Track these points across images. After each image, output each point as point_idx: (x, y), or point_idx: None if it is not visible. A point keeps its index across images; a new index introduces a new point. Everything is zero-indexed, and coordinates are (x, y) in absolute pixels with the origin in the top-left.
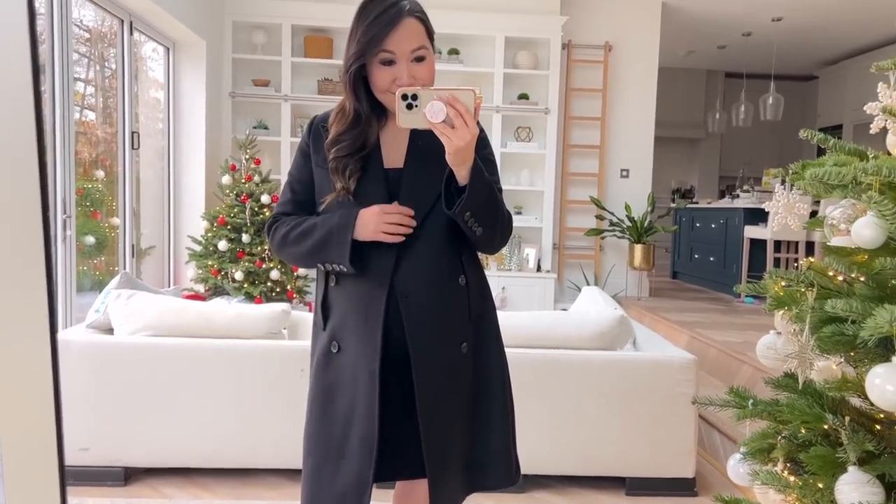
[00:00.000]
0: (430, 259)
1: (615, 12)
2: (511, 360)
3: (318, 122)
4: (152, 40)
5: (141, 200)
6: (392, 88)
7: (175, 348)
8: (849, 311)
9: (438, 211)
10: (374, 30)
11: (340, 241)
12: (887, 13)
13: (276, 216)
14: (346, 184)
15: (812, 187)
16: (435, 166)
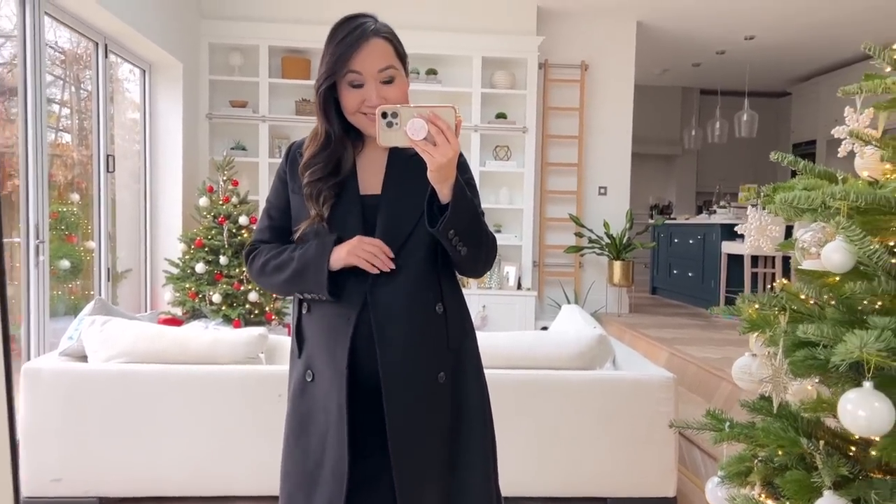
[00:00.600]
0: (406, 286)
1: (591, 32)
2: (491, 382)
3: (295, 148)
4: (128, 62)
5: (117, 223)
6: (362, 109)
7: (150, 375)
8: (820, 336)
9: (416, 237)
10: (341, 50)
11: (317, 271)
12: (856, 32)
13: (253, 244)
14: (320, 210)
15: (782, 211)
16: (413, 192)
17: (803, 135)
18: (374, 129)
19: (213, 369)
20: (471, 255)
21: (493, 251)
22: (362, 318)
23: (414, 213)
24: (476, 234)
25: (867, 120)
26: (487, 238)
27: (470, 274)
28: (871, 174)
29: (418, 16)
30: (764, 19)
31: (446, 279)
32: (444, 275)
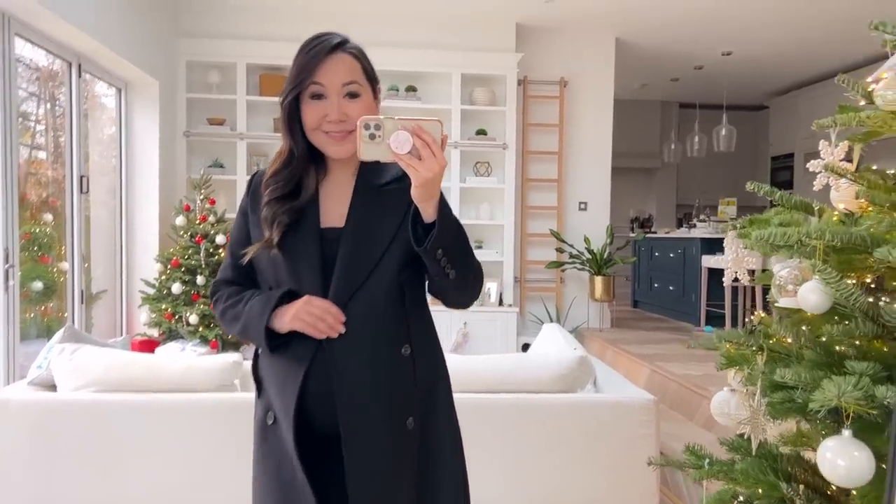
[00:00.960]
0: (369, 327)
1: (570, 48)
2: (471, 407)
3: (258, 177)
4: (103, 82)
5: (94, 241)
6: (323, 126)
7: (122, 404)
8: (797, 380)
9: (379, 275)
10: (305, 60)
11: (258, 331)
12: (831, 47)
13: (217, 284)
14: (272, 234)
15: (759, 248)
16: (379, 227)
17: (782, 148)
18: (333, 148)
19: (187, 397)
20: (460, 278)
21: (480, 277)
22: (317, 362)
23: (377, 249)
24: (464, 254)
25: (842, 152)
26: (475, 262)
27: (458, 302)
28: (846, 206)
29: (398, 33)
30: (740, 35)
31: (415, 316)
32: (413, 312)
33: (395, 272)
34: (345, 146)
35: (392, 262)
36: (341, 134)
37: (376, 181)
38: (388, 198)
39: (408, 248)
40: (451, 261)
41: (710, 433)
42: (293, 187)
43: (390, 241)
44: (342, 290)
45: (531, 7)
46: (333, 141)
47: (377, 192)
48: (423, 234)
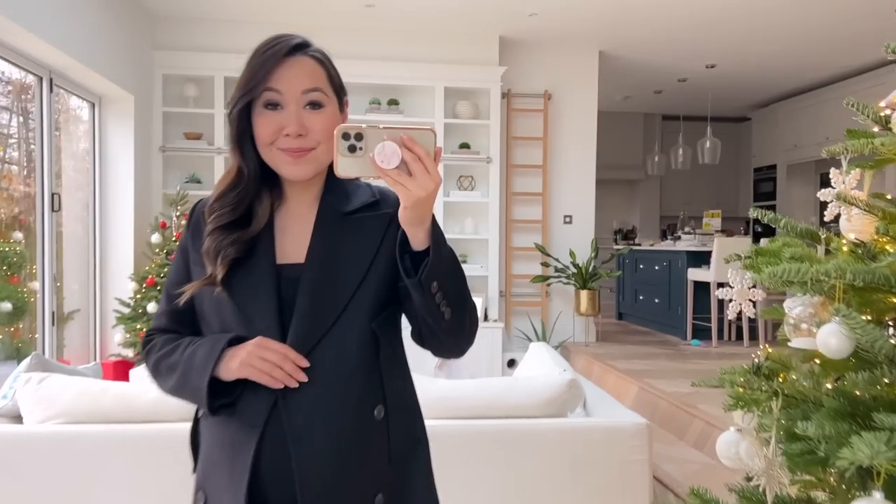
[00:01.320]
0: (334, 384)
1: (553, 62)
2: (457, 433)
3: (200, 207)
4: (76, 96)
5: (67, 259)
6: (279, 143)
7: (92, 436)
8: (821, 435)
9: (347, 321)
10: (259, 63)
11: (199, 378)
12: (812, 61)
13: (149, 334)
14: (215, 269)
15: (771, 284)
16: (346, 264)
17: (764, 159)
18: (287, 168)
19: (161, 428)
20: (456, 319)
21: (476, 317)
22: (272, 426)
23: (345, 290)
24: (461, 289)
25: (854, 181)
26: (471, 299)
27: (451, 349)
28: (858, 237)
29: (380, 46)
30: (725, 48)
31: (390, 371)
32: (388, 365)
33: (366, 317)
34: (304, 166)
35: (363, 305)
36: (300, 151)
37: (343, 208)
38: (358, 228)
39: (382, 289)
40: (448, 297)
41: (701, 453)
42: (242, 213)
43: (360, 281)
44: (303, 338)
45: (515, 20)
46: (291, 159)
47: (344, 221)
48: (413, 265)
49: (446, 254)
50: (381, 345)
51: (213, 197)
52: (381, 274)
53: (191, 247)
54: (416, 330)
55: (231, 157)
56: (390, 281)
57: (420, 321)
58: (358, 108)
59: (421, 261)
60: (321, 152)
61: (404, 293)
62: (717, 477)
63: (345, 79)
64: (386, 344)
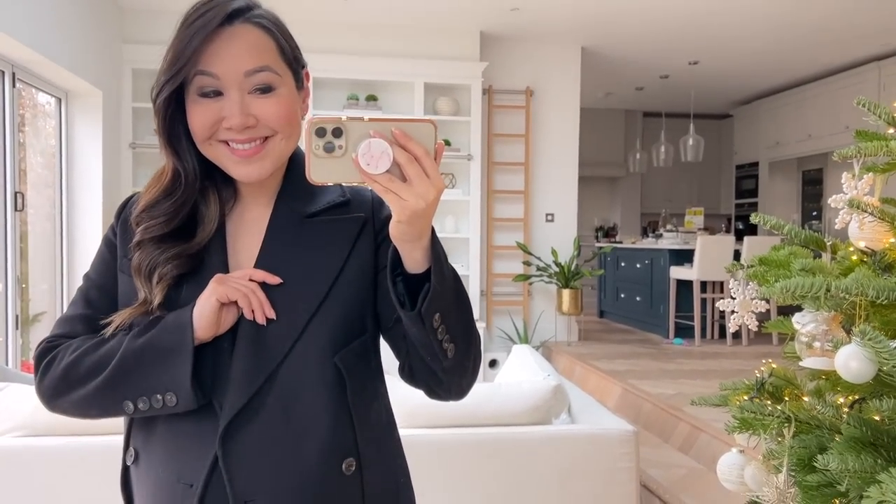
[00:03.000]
0: (287, 436)
1: (535, 58)
2: (439, 442)
3: (133, 204)
4: (42, 92)
5: (35, 260)
6: (219, 134)
7: (53, 450)
8: (844, 469)
9: (305, 349)
10: (185, 39)
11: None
12: (792, 59)
13: (51, 340)
14: (150, 293)
15: (781, 298)
16: (306, 277)
17: (746, 156)
18: (235, 168)
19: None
20: (460, 356)
21: (479, 356)
22: (211, 492)
23: (299, 314)
24: (467, 320)
25: (866, 186)
26: (476, 331)
27: (451, 390)
28: (868, 245)
29: (359, 41)
30: (707, 44)
31: (363, 413)
32: (360, 406)
33: (327, 350)
34: (257, 164)
35: (323, 334)
36: (250, 147)
37: (304, 209)
38: (321, 235)
39: (349, 314)
40: (452, 330)
41: (687, 456)
42: (180, 223)
43: (320, 303)
44: (245, 378)
45: (496, 16)
46: (237, 158)
47: (303, 225)
48: (408, 291)
49: (449, 277)
50: (350, 383)
51: (142, 204)
52: (349, 294)
53: (119, 249)
54: (407, 367)
55: (163, 156)
56: (361, 303)
57: (413, 359)
58: (335, 103)
59: (417, 286)
60: (277, 143)
61: (390, 324)
62: (704, 482)
63: (322, 74)
64: (356, 382)
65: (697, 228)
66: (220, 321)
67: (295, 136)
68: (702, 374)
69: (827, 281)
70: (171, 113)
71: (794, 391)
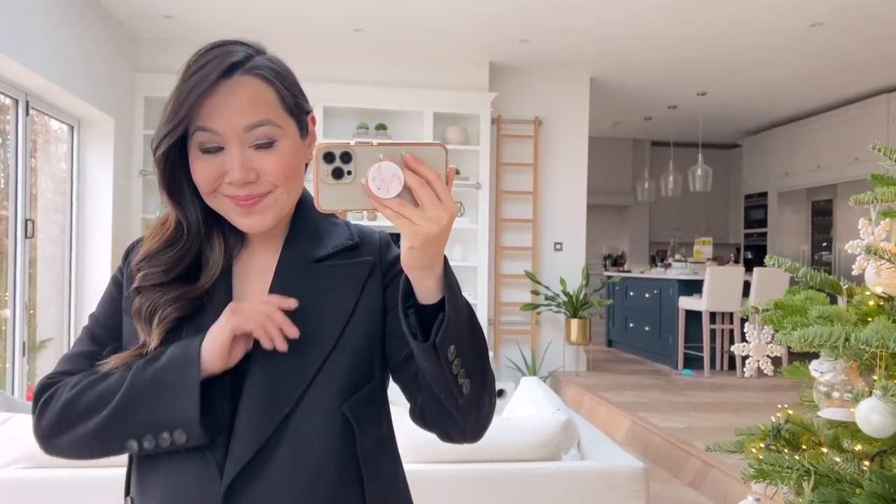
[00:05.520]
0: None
1: (544, 88)
2: (447, 478)
3: (139, 244)
4: (54, 119)
5: (43, 285)
6: (223, 189)
7: (58, 482)
8: None
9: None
10: (184, 93)
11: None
12: (801, 91)
13: (53, 376)
14: (149, 337)
15: (798, 347)
16: (318, 322)
17: (755, 186)
18: (239, 220)
19: None
20: (476, 393)
21: (494, 396)
22: None
23: (308, 363)
24: (483, 353)
25: (884, 232)
26: (490, 367)
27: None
28: (886, 290)
29: (369, 70)
30: (715, 76)
31: (373, 466)
32: (369, 458)
33: (335, 399)
34: (259, 217)
35: (332, 382)
36: (252, 199)
37: (312, 253)
38: (330, 280)
39: (358, 360)
40: (467, 364)
41: (697, 492)
42: (181, 272)
43: (330, 350)
44: (251, 432)
45: (505, 46)
46: (241, 210)
47: (312, 270)
48: (419, 323)
49: (464, 308)
50: (358, 434)
51: (142, 253)
52: (359, 339)
53: (125, 289)
54: (419, 409)
55: (166, 206)
56: (370, 348)
57: (426, 397)
58: (345, 132)
59: (429, 318)
60: (279, 196)
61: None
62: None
63: (332, 103)
64: (364, 432)
65: (706, 258)
66: (231, 354)
67: (297, 189)
68: (712, 406)
69: (846, 330)
70: (172, 165)
71: (812, 438)
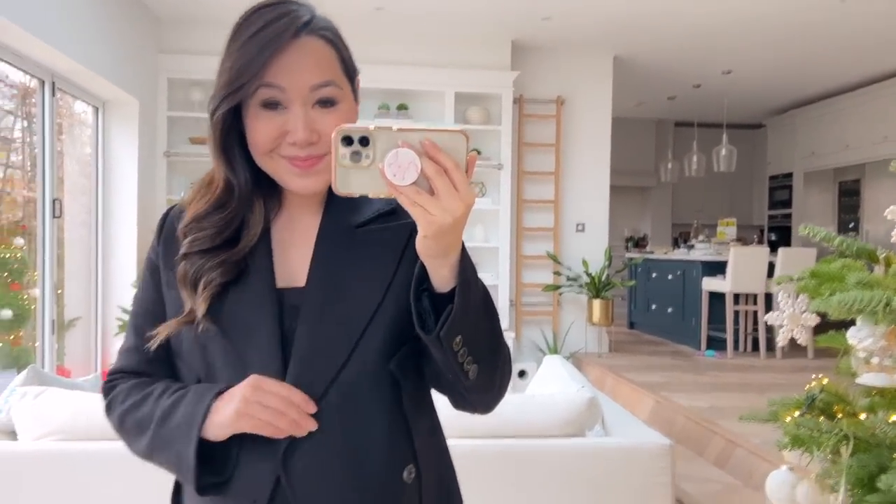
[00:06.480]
0: (350, 447)
1: (566, 67)
2: (471, 453)
3: (172, 218)
4: (79, 100)
5: (70, 265)
6: (281, 149)
7: (91, 454)
8: None
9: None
10: (251, 51)
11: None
12: (830, 69)
13: (111, 377)
14: (195, 303)
15: (836, 313)
16: (359, 287)
17: (780, 167)
18: (294, 181)
19: None
20: (484, 377)
21: (509, 371)
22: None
23: (356, 322)
24: (493, 341)
25: None
26: (504, 349)
27: (477, 406)
28: None
29: (390, 50)
30: (741, 54)
31: (418, 419)
32: (414, 413)
33: (383, 356)
34: (315, 178)
35: (378, 341)
36: (310, 160)
37: (352, 219)
38: (371, 244)
39: (402, 319)
40: (475, 352)
41: (722, 471)
42: (230, 235)
43: (375, 310)
44: (310, 381)
45: (528, 25)
46: (297, 171)
47: (353, 235)
48: (433, 308)
49: (476, 298)
50: (404, 389)
51: (190, 215)
52: (401, 300)
53: (163, 264)
54: (433, 375)
55: (215, 166)
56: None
57: (436, 372)
58: (366, 113)
59: (441, 305)
60: None
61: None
62: (739, 497)
63: None
64: (410, 387)
65: (730, 239)
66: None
67: None
68: (736, 386)
69: (886, 295)
70: (228, 125)
71: (847, 409)
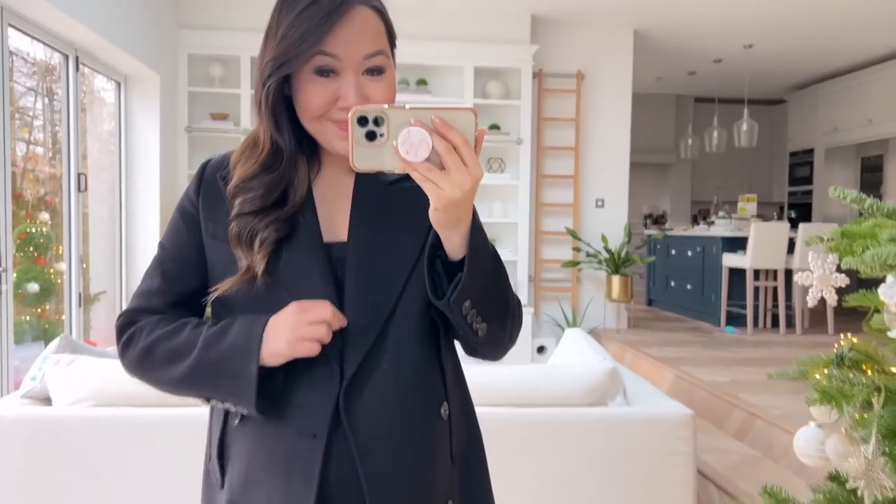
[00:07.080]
0: (401, 384)
1: (586, 41)
2: (493, 421)
3: (212, 169)
4: (102, 75)
5: (93, 241)
6: (331, 114)
7: (123, 420)
8: None
9: (407, 306)
10: (308, 23)
11: (239, 373)
12: (853, 43)
13: (129, 314)
14: (253, 261)
15: (869, 268)
16: (397, 239)
17: (801, 143)
18: (340, 144)
19: (195, 412)
20: (493, 333)
21: (519, 322)
22: (334, 441)
23: (399, 271)
24: (501, 302)
25: None
26: (513, 305)
27: (487, 356)
28: None
29: (408, 24)
30: (763, 27)
31: (449, 362)
32: (447, 356)
33: (424, 303)
34: None
35: (420, 289)
36: None
37: (385, 176)
38: (405, 199)
39: None
40: (483, 314)
41: (742, 443)
42: (279, 196)
43: (416, 260)
44: (365, 323)
45: None
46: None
47: (387, 191)
48: (446, 273)
49: (486, 265)
50: (441, 334)
51: (239, 176)
52: None
53: (204, 215)
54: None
55: (262, 130)
56: None
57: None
58: None
59: (456, 269)
60: None
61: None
62: (760, 469)
63: None
64: (445, 333)
65: (751, 215)
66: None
67: None
68: (756, 361)
69: None
70: (277, 92)
71: (876, 367)
